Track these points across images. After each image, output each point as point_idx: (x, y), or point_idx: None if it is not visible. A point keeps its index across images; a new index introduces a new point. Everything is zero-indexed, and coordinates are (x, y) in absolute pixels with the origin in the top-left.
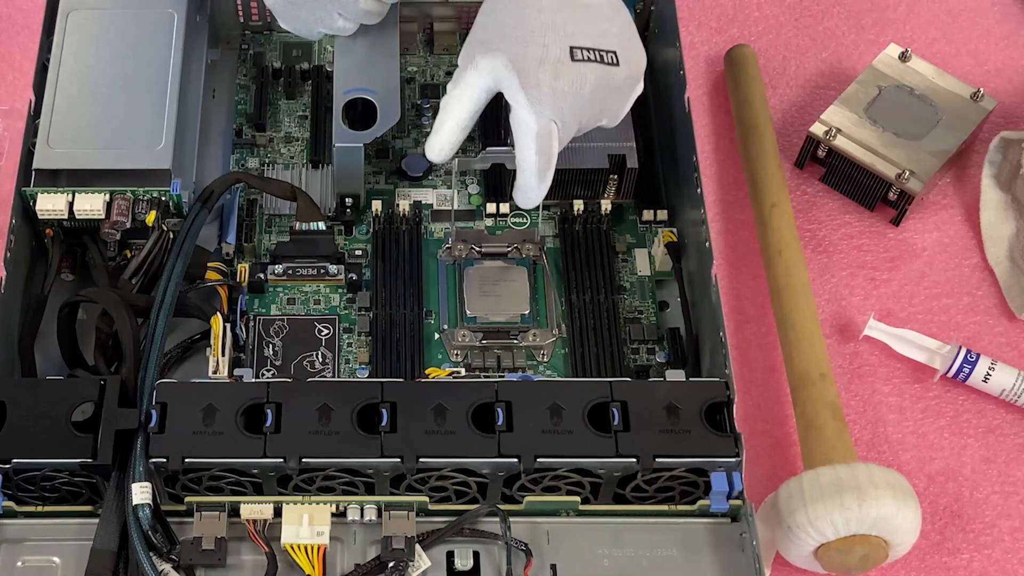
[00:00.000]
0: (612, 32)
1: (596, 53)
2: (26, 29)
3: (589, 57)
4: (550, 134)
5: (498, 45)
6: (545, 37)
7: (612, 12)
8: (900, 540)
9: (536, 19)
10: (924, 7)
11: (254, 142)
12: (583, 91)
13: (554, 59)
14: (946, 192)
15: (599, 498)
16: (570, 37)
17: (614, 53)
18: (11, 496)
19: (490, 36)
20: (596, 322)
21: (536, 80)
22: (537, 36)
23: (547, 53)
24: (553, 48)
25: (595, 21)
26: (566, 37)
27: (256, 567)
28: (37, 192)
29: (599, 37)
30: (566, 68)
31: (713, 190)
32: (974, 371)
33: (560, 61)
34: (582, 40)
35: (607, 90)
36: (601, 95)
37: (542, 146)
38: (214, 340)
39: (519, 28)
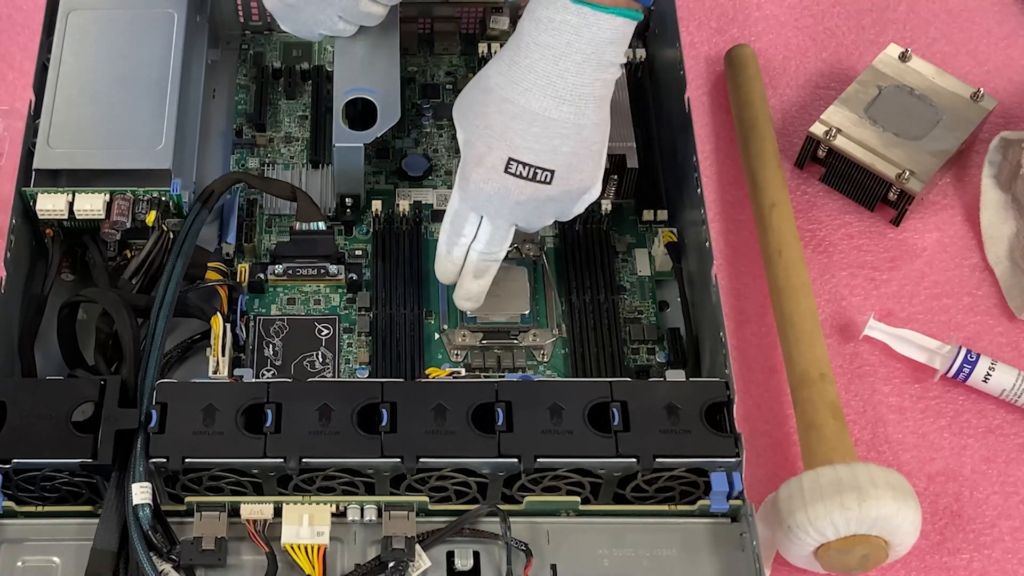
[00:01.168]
0: (562, 151)
1: (530, 170)
2: (26, 29)
3: (520, 173)
4: (466, 218)
5: (463, 121)
6: (492, 140)
7: (572, 131)
8: (900, 540)
9: (492, 118)
10: (924, 7)
11: (254, 142)
12: (507, 200)
13: (490, 165)
14: (946, 192)
15: (599, 498)
16: (513, 149)
17: (550, 172)
18: (11, 496)
19: (463, 108)
20: (596, 322)
21: (468, 175)
22: (486, 135)
23: (487, 156)
24: (494, 154)
25: (549, 137)
26: (509, 148)
27: (256, 567)
28: (37, 192)
29: (545, 153)
30: (496, 176)
31: (713, 190)
32: (974, 371)
33: (494, 168)
34: (524, 155)
35: (538, 202)
36: (532, 206)
37: (455, 222)
38: (214, 340)
39: (478, 118)
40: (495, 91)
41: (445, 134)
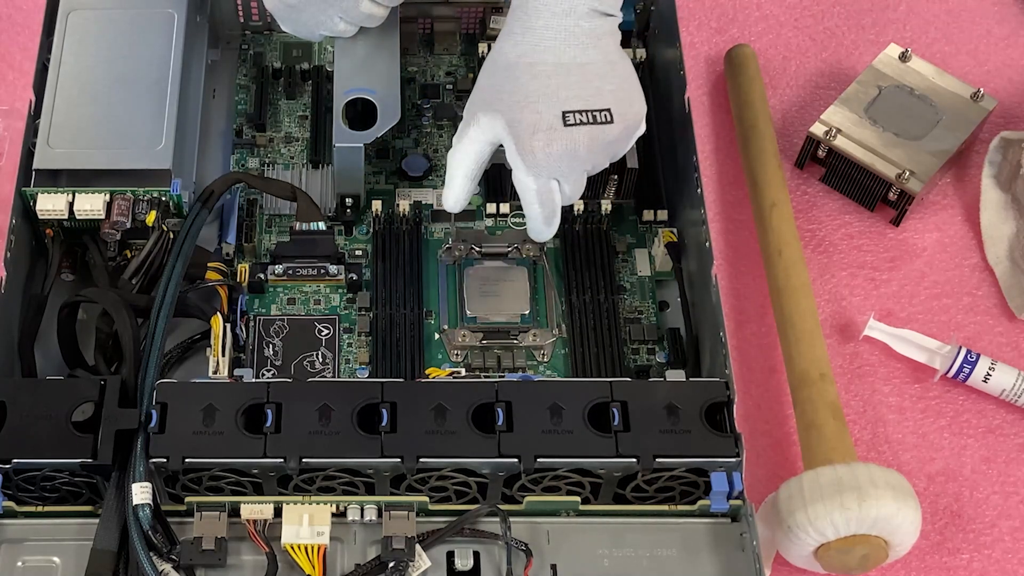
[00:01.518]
0: (606, 89)
1: (589, 115)
2: (26, 29)
3: (581, 120)
4: (550, 191)
5: (497, 106)
6: (539, 103)
7: (606, 68)
8: (900, 540)
9: (530, 85)
10: (924, 7)
11: (254, 142)
12: (578, 152)
13: (547, 126)
14: (946, 192)
15: (599, 498)
16: (563, 102)
17: (608, 111)
18: (11, 496)
19: (490, 97)
20: (596, 322)
21: (531, 147)
22: (531, 102)
23: (540, 120)
24: (546, 115)
25: (589, 80)
26: (559, 102)
27: (256, 567)
28: (37, 192)
29: (592, 97)
30: (559, 134)
31: (713, 190)
32: (974, 371)
33: (553, 128)
34: (575, 103)
35: (603, 144)
36: (599, 149)
37: (544, 200)
38: (214, 340)
39: (515, 93)
40: (519, 61)
41: (445, 134)
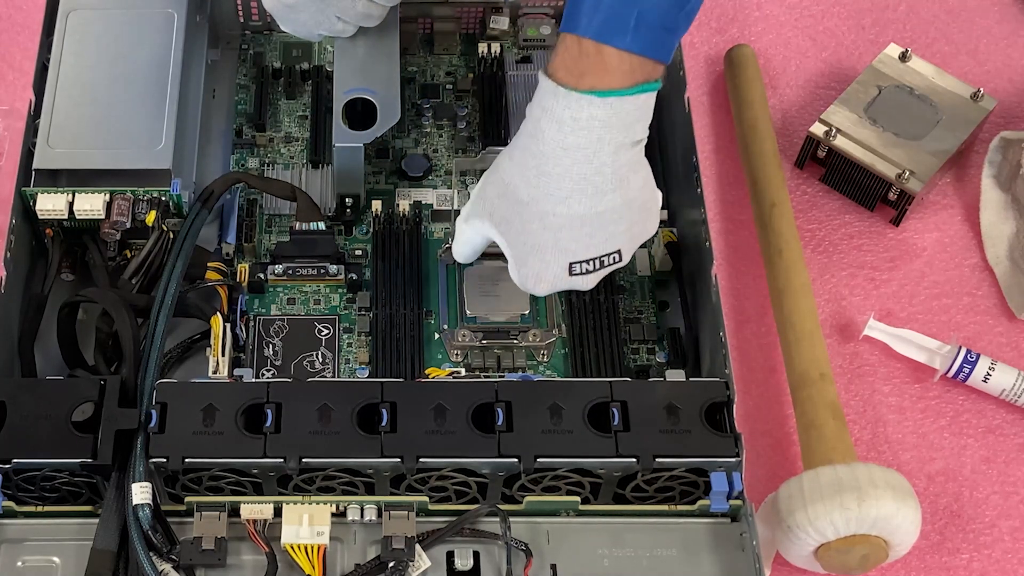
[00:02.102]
0: (619, 231)
1: (596, 262)
2: (26, 29)
3: (588, 269)
4: None
5: (506, 236)
6: (546, 254)
7: (623, 211)
8: (900, 540)
9: (540, 235)
10: (924, 7)
11: (254, 142)
12: (580, 287)
13: (552, 276)
14: (946, 192)
15: (599, 498)
16: (571, 254)
17: (618, 253)
18: (11, 496)
19: (498, 220)
20: (596, 322)
21: (533, 286)
22: (538, 251)
23: (545, 270)
24: (553, 266)
25: (603, 226)
26: (566, 254)
27: (256, 567)
28: (37, 192)
29: (604, 242)
30: (562, 282)
31: (713, 190)
32: (974, 371)
33: (557, 277)
34: (584, 253)
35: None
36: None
37: None
38: (214, 340)
39: (523, 235)
40: (531, 205)
41: (445, 134)
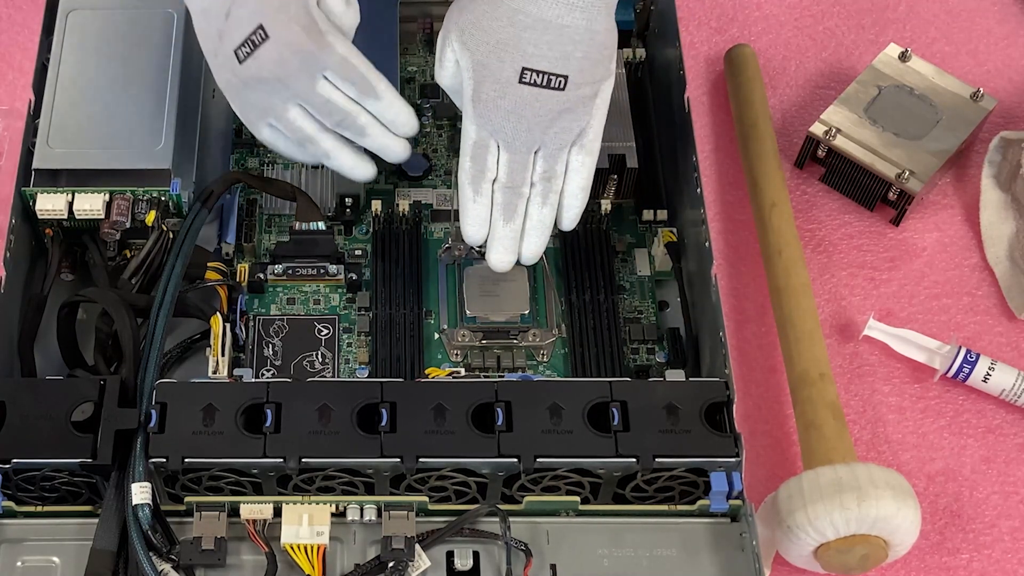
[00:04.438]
0: (575, 56)
1: (544, 77)
2: (26, 29)
3: (535, 81)
4: (485, 148)
5: (469, 44)
6: (503, 53)
7: (585, 36)
8: (900, 540)
9: (506, 32)
10: (924, 7)
11: (254, 142)
12: (523, 114)
13: (504, 79)
14: (946, 192)
15: (599, 498)
16: (527, 58)
17: (563, 79)
18: (11, 496)
19: (467, 26)
20: (596, 322)
21: (484, 95)
22: (498, 49)
23: (501, 70)
24: (507, 67)
25: (562, 44)
26: (523, 58)
27: (256, 567)
28: (37, 192)
29: (558, 60)
30: (512, 89)
31: (713, 190)
32: (974, 371)
33: (508, 81)
34: (538, 63)
35: (551, 113)
36: (545, 117)
37: (476, 155)
38: (214, 340)
39: (488, 34)
40: (505, 3)
41: (445, 134)
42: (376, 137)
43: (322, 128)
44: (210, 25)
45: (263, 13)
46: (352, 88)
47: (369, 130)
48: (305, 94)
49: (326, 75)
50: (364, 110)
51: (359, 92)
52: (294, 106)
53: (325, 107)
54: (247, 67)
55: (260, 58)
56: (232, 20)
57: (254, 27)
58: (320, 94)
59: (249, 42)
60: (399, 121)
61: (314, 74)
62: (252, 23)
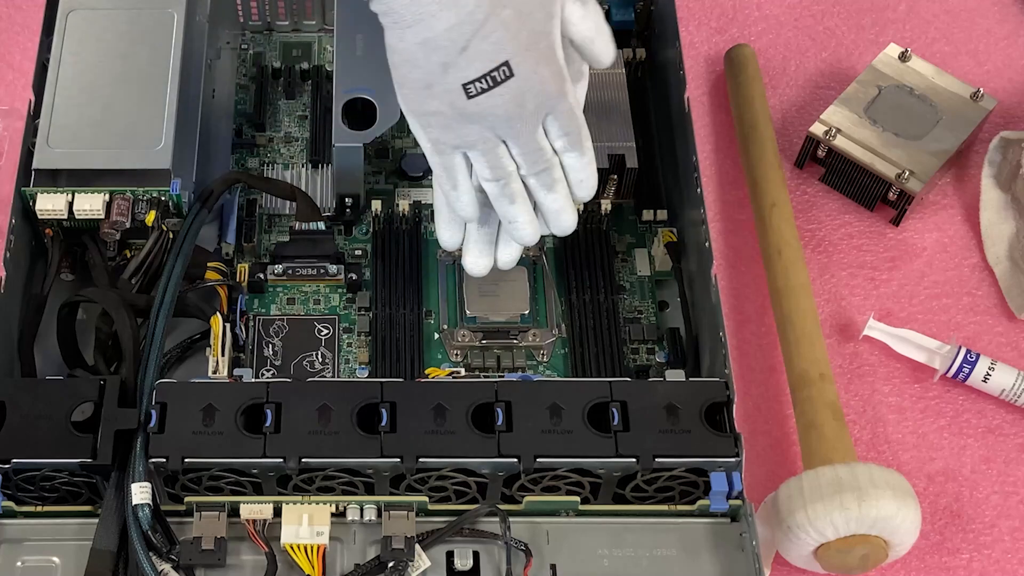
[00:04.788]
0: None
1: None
2: (26, 29)
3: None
4: None
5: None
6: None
7: None
8: (900, 540)
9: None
10: (924, 7)
11: (254, 142)
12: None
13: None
14: (946, 192)
15: (599, 498)
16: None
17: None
18: (11, 496)
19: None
20: (596, 322)
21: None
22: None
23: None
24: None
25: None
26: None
27: (256, 567)
28: (37, 192)
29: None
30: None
31: (713, 190)
32: (974, 371)
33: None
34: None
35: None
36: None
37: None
38: (214, 340)
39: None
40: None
41: None
42: (560, 195)
43: (517, 171)
44: (430, 57)
45: (510, 50)
46: (565, 139)
47: (558, 187)
48: (525, 136)
49: (547, 120)
50: (560, 164)
51: (569, 143)
52: (502, 143)
53: (536, 152)
54: (478, 102)
55: (498, 95)
56: (470, 53)
57: (498, 63)
58: (536, 139)
59: (489, 78)
60: (588, 183)
61: (541, 118)
62: (496, 59)
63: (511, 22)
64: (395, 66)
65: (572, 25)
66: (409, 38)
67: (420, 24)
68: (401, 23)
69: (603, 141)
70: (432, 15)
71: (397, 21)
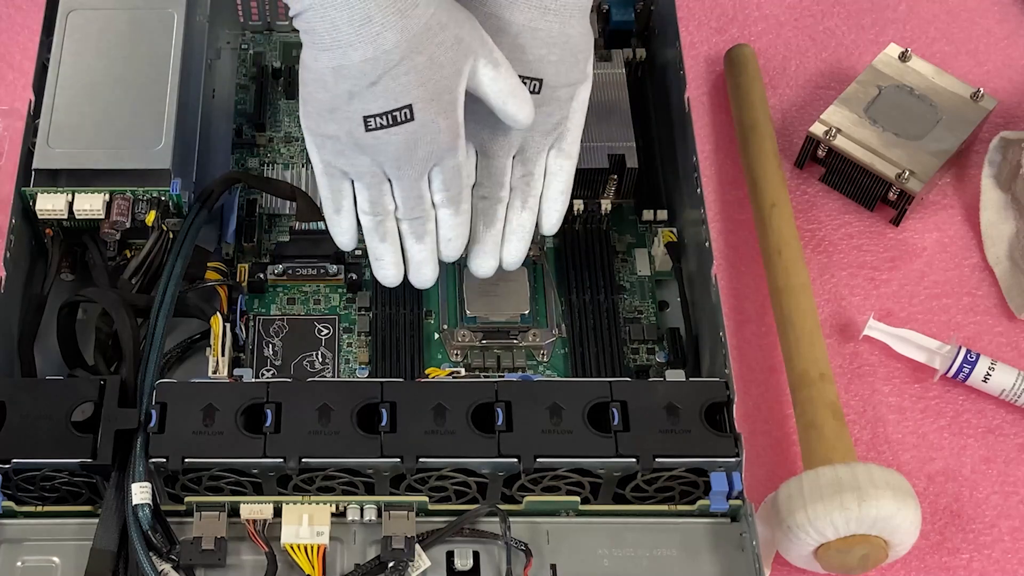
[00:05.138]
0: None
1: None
2: (26, 29)
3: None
4: None
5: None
6: None
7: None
8: (900, 540)
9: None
10: (924, 7)
11: (254, 142)
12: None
13: None
14: (946, 192)
15: (599, 498)
16: None
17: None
18: (11, 496)
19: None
20: (596, 322)
21: None
22: None
23: None
24: None
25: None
26: None
27: (256, 567)
28: (37, 192)
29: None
30: None
31: (713, 190)
32: (974, 371)
33: None
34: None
35: None
36: None
37: None
38: (214, 340)
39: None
40: (481, 10)
41: None
42: (426, 248)
43: (394, 212)
44: (340, 83)
45: (416, 95)
46: (444, 194)
47: (427, 239)
48: (407, 180)
49: (432, 171)
50: (433, 218)
51: (447, 199)
52: (387, 180)
53: (415, 199)
54: (375, 136)
55: (393, 134)
56: (378, 89)
57: (401, 105)
58: (419, 186)
59: (390, 115)
60: (455, 244)
61: (428, 168)
62: (401, 100)
63: (423, 69)
64: (304, 83)
65: (483, 86)
66: (324, 60)
67: (337, 50)
68: (320, 44)
69: (603, 141)
70: (350, 44)
71: (316, 42)
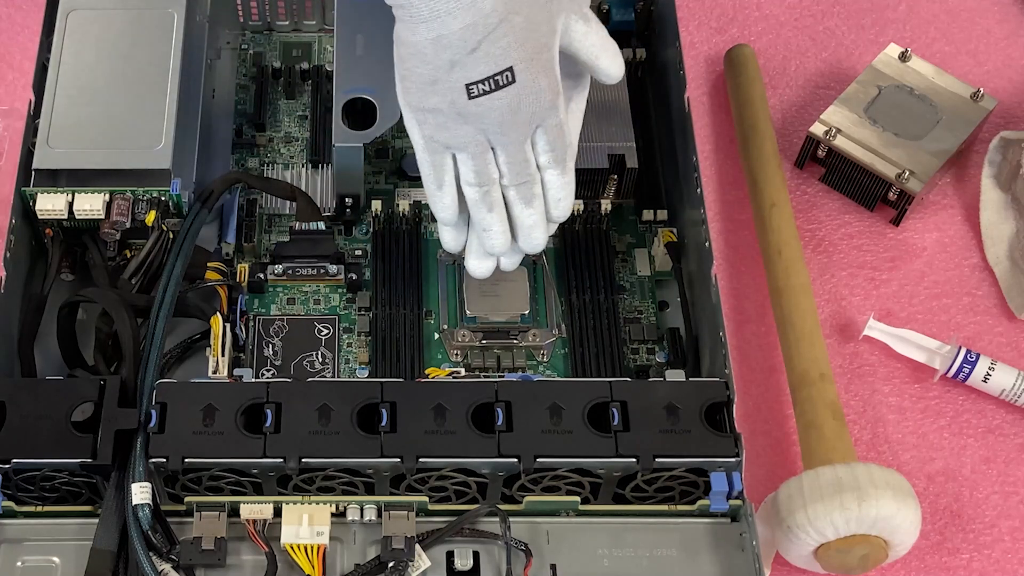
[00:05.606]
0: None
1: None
2: (26, 29)
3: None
4: None
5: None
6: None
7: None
8: (900, 540)
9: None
10: (924, 7)
11: (254, 142)
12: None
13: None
14: (946, 192)
15: (599, 498)
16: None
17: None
18: (11, 496)
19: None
20: (596, 322)
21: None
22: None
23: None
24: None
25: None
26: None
27: (256, 567)
28: (37, 192)
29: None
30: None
31: (713, 190)
32: (974, 371)
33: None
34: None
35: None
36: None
37: None
38: (214, 340)
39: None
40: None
41: None
42: (536, 211)
43: (499, 181)
44: (440, 54)
45: (516, 56)
46: (550, 155)
47: (536, 202)
48: (513, 145)
49: (536, 133)
50: (541, 181)
51: (553, 160)
52: (491, 149)
53: (521, 163)
54: (478, 103)
55: (497, 98)
56: (479, 54)
57: (503, 68)
58: (524, 149)
59: (492, 80)
60: (564, 203)
61: (532, 129)
62: (502, 63)
63: (520, 30)
64: (402, 59)
65: (576, 41)
66: (422, 33)
67: (435, 20)
68: (416, 17)
69: (603, 141)
70: (448, 12)
71: (413, 15)
